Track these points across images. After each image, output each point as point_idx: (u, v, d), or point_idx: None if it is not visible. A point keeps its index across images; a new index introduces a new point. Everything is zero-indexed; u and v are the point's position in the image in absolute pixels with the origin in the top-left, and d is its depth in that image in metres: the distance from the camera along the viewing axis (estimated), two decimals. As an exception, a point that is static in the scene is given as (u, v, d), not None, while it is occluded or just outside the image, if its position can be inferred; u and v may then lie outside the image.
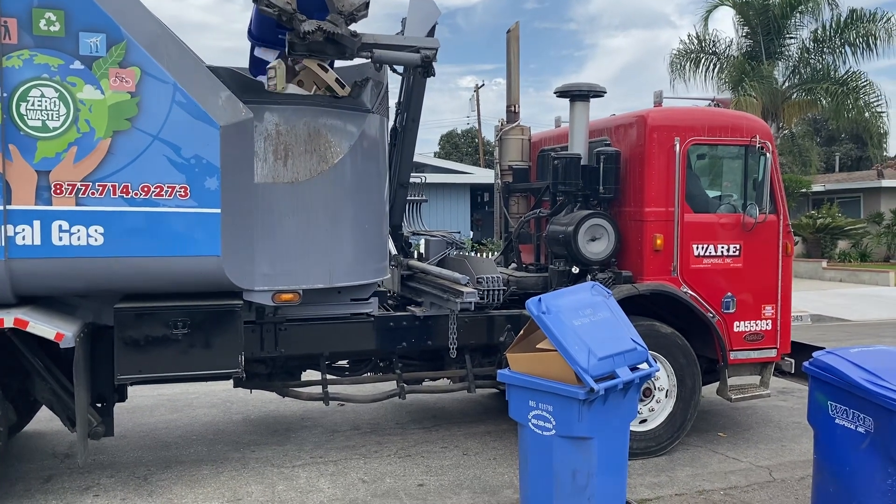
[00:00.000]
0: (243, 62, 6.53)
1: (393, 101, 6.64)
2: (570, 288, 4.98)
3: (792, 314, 6.95)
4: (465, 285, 5.84)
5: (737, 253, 6.48)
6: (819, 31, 23.01)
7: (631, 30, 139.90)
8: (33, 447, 6.30)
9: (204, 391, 8.12)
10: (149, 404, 7.66)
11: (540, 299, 4.43)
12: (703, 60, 24.24)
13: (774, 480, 5.77)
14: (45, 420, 6.44)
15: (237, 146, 5.00)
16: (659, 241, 6.26)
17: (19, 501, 5.18)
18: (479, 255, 13.26)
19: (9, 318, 4.62)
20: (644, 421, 6.15)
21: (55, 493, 5.35)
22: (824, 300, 16.98)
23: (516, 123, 7.70)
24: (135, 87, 4.75)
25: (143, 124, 4.77)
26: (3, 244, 4.55)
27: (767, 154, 6.47)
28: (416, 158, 7.03)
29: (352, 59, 5.65)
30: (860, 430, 4.11)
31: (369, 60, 5.57)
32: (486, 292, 6.20)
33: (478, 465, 6.01)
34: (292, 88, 5.95)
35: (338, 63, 6.19)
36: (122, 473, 5.75)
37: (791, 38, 23.63)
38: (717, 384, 6.67)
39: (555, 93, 6.86)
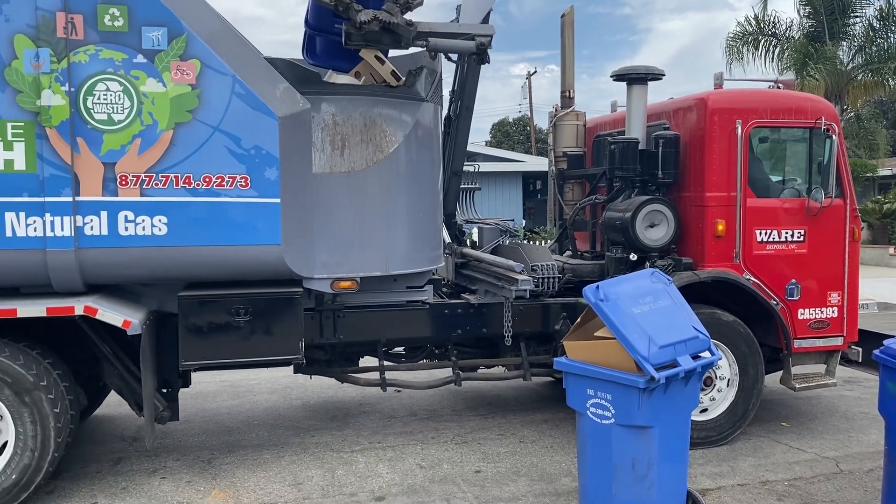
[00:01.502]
0: (299, 54, 6.60)
1: (447, 90, 6.64)
2: (629, 275, 4.91)
3: (859, 302, 6.73)
4: (520, 273, 5.82)
5: (801, 238, 6.30)
6: (885, 9, 22.10)
7: (687, 13, 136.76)
8: (103, 431, 6.53)
9: (264, 377, 8.29)
10: (211, 390, 7.85)
11: (598, 287, 4.37)
12: (761, 42, 23.54)
13: (842, 472, 5.61)
14: (113, 405, 6.66)
15: (295, 136, 5.07)
16: (720, 227, 6.12)
17: (91, 482, 5.38)
18: (532, 243, 13.18)
19: (79, 306, 4.77)
20: (705, 410, 6.05)
21: (124, 474, 5.54)
22: (892, 287, 16.38)
23: (571, 109, 7.62)
24: (195, 80, 4.84)
25: (203, 116, 4.86)
26: (73, 234, 4.70)
27: (833, 136, 6.26)
28: (468, 147, 7.00)
29: (407, 49, 5.65)
30: (935, 420, 3.95)
31: (424, 49, 5.57)
32: (540, 280, 6.17)
33: (535, 452, 6.00)
34: (347, 79, 6.00)
35: (391, 52, 6.20)
36: (187, 457, 5.92)
37: (856, 16, 22.77)
38: (780, 373, 6.51)
39: (611, 76, 6.74)
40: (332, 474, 5.54)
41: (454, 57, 6.39)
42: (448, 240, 6.90)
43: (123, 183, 4.79)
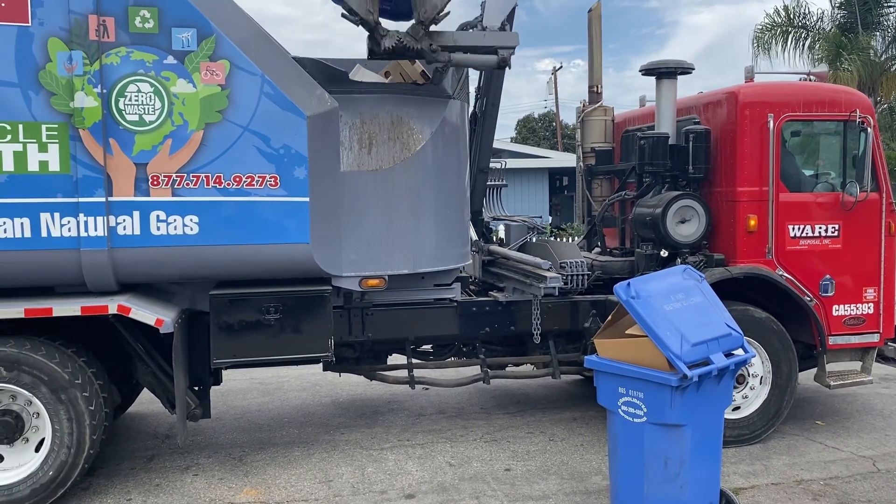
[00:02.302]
0: (325, 54, 6.62)
1: (472, 87, 6.60)
2: (661, 272, 4.86)
3: (896, 297, 6.60)
4: (548, 270, 5.78)
5: (835, 233, 6.18)
6: (921, -2, 21.65)
7: (715, 5, 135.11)
8: (137, 428, 6.62)
9: (294, 375, 8.35)
10: (241, 388, 7.92)
11: (629, 284, 4.33)
12: (791, 34, 23.15)
13: (879, 471, 5.51)
14: (146, 402, 6.75)
15: (323, 135, 5.09)
16: (752, 222, 6.03)
17: (126, 479, 5.46)
18: (559, 239, 13.12)
19: (112, 305, 4.84)
20: (737, 408, 5.97)
21: (157, 471, 5.61)
22: (928, 283, 16.02)
23: (599, 104, 7.55)
24: (225, 80, 4.87)
25: (233, 116, 4.90)
26: (106, 234, 4.76)
27: (868, 129, 6.14)
28: (494, 144, 6.97)
29: (430, 63, 5.62)
30: (978, 419, 3.86)
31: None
32: (569, 277, 6.13)
33: (564, 451, 5.97)
34: (375, 77, 6.00)
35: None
36: (218, 454, 5.98)
37: (889, 6, 22.30)
38: (814, 370, 6.40)
39: (640, 70, 6.67)
40: (361, 472, 5.56)
41: None
42: (475, 237, 6.89)
43: (155, 183, 4.84)
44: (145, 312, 4.89)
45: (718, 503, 4.46)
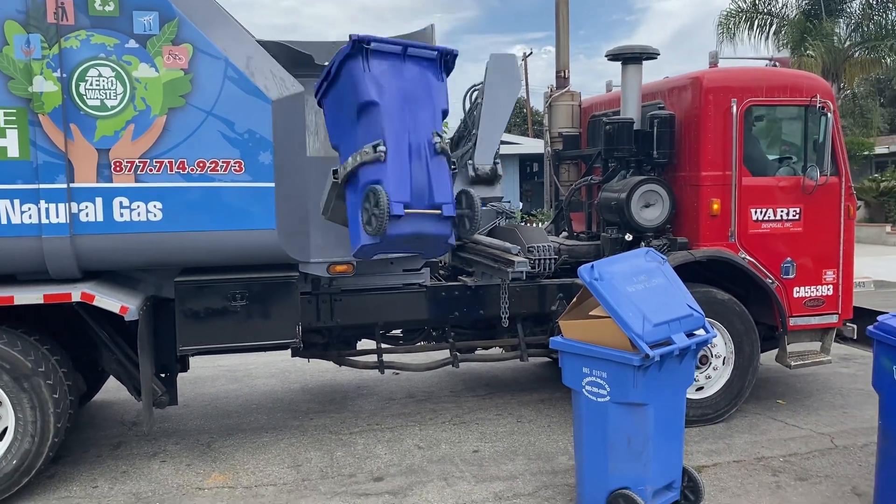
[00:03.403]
0: (292, 38, 6.56)
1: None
2: (624, 254, 4.91)
3: (854, 279, 6.75)
4: (516, 254, 5.82)
5: (797, 217, 6.31)
6: (883, -16, 22.01)
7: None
8: (103, 416, 6.57)
9: (262, 361, 8.32)
10: (210, 375, 7.88)
11: (592, 266, 4.38)
12: (756, 20, 23.43)
13: (836, 447, 5.66)
14: (112, 390, 6.70)
15: (289, 120, 5.05)
16: (716, 206, 6.13)
17: (92, 467, 5.42)
18: (529, 225, 13.18)
19: (76, 293, 4.78)
20: (701, 388, 6.09)
21: (124, 458, 5.58)
22: (888, 266, 16.41)
23: (566, 89, 7.61)
24: (188, 64, 4.82)
25: (196, 100, 4.85)
26: (68, 221, 4.70)
27: (829, 114, 6.25)
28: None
29: None
30: (928, 395, 3.99)
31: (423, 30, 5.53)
32: (537, 261, 6.18)
33: (532, 432, 6.04)
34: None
35: (394, 31, 6.19)
36: (186, 440, 5.96)
37: (853, -7, 22.68)
38: (776, 351, 6.55)
39: (606, 56, 6.72)
40: (330, 456, 5.58)
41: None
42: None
43: (118, 169, 4.78)
44: (109, 300, 4.85)
45: (681, 481, 4.56)
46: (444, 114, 4.87)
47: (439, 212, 4.65)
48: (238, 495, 4.92)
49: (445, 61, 4.89)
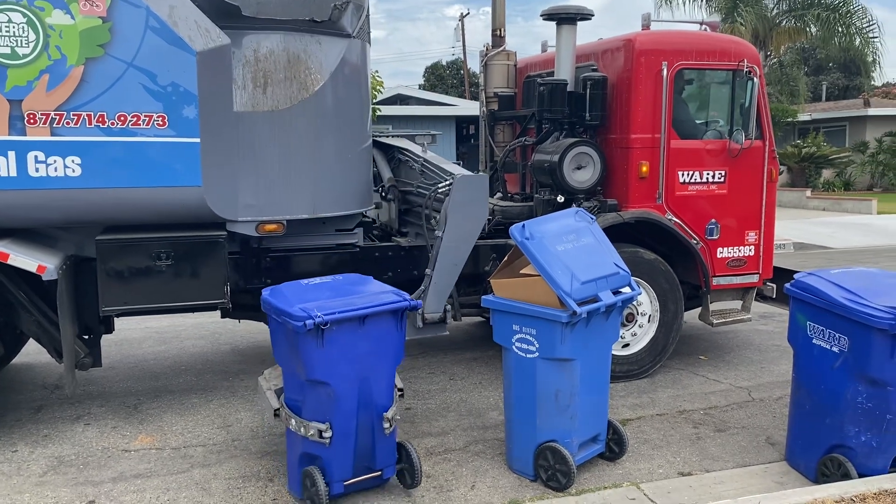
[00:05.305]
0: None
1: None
2: (554, 214, 4.97)
3: (775, 242, 7.01)
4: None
5: (722, 179, 6.48)
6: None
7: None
8: (23, 379, 6.35)
9: (192, 323, 8.16)
10: (137, 337, 7.69)
11: (524, 225, 4.43)
12: (691, -14, 23.72)
13: (753, 400, 5.92)
14: (33, 353, 6.47)
15: (215, 73, 4.88)
16: (644, 169, 6.24)
17: (11, 430, 5.24)
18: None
19: (-11, 251, 4.57)
20: (627, 345, 6.26)
21: (46, 422, 5.42)
22: (808, 228, 17.13)
23: (502, 48, 7.56)
24: (106, 12, 4.59)
25: (116, 51, 4.63)
26: (-21, 176, 4.47)
27: (755, 79, 6.41)
28: (400, 91, 6.89)
29: None
30: (835, 349, 4.20)
31: None
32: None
33: (464, 389, 6.12)
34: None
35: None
36: (112, 403, 5.82)
37: (782, -39, 23.16)
38: (699, 309, 6.78)
39: (541, 15, 6.70)
40: (261, 416, 5.50)
41: None
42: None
43: (32, 122, 4.55)
44: (26, 259, 4.66)
45: (606, 433, 4.71)
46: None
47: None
48: (166, 456, 4.85)
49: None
